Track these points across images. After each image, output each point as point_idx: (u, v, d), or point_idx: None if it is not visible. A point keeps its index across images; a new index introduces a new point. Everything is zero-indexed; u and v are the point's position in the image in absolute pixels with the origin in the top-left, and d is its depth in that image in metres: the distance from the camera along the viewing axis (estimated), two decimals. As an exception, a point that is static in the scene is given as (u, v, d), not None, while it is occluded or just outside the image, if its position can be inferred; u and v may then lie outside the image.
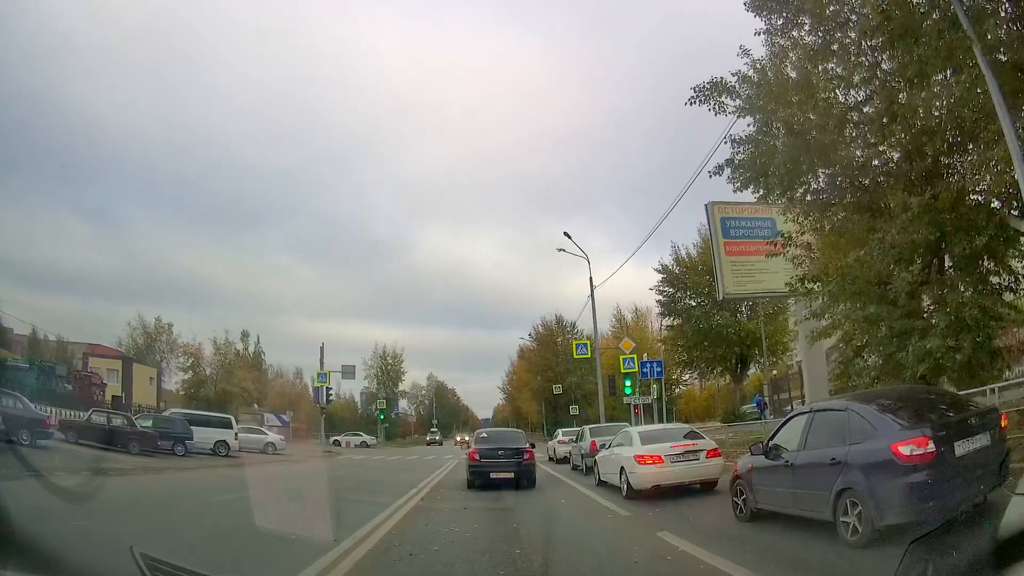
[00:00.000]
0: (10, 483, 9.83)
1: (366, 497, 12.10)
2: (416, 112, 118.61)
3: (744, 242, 20.19)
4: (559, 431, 28.85)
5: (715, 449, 11.18)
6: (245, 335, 60.20)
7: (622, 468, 11.03)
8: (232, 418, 26.62)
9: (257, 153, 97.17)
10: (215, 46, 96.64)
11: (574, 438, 20.73)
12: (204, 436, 24.71)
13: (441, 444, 55.44)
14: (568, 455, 20.68)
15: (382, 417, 57.23)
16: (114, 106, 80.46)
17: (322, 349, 37.96)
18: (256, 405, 53.41)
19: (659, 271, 41.04)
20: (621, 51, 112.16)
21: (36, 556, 3.89)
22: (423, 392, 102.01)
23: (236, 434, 26.05)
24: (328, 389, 36.72)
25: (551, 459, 24.55)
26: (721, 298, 20.53)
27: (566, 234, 31.87)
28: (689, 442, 11.00)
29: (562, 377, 60.89)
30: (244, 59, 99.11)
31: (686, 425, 15.22)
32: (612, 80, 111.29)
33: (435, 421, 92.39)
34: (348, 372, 37.25)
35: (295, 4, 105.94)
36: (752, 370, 43.31)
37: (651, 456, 10.45)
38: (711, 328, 39.03)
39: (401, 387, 70.28)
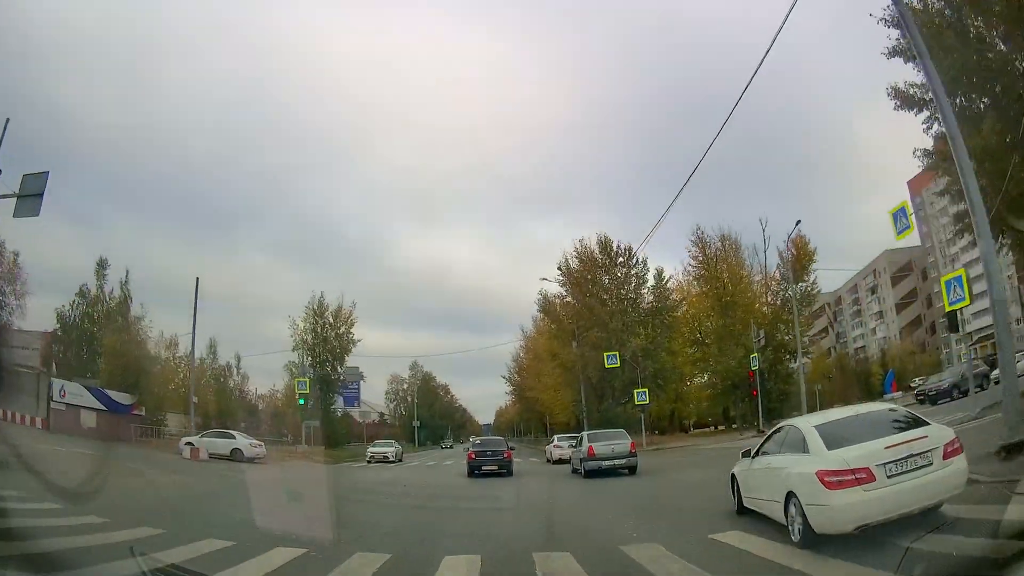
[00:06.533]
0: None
1: None
2: (389, 115, 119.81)
3: None
4: (555, 437, 28.71)
5: (954, 441, 5.77)
6: (102, 264, 38.16)
7: (790, 494, 6.10)
8: None
9: (230, 155, 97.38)
10: (181, 48, 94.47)
11: (573, 442, 22.27)
12: None
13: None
14: (563, 457, 23.50)
15: (301, 402, 32.89)
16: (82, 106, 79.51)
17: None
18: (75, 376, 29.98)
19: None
20: (600, 47, 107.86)
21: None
22: (405, 387, 77.86)
23: None
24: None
25: (548, 461, 25.99)
26: None
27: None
28: (912, 434, 5.75)
29: (619, 339, 35.79)
30: (213, 59, 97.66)
31: (885, 404, 8.79)
32: (592, 77, 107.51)
33: (417, 423, 68.30)
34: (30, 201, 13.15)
35: (270, 6, 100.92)
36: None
37: (852, 471, 5.46)
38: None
39: (349, 362, 43.71)
